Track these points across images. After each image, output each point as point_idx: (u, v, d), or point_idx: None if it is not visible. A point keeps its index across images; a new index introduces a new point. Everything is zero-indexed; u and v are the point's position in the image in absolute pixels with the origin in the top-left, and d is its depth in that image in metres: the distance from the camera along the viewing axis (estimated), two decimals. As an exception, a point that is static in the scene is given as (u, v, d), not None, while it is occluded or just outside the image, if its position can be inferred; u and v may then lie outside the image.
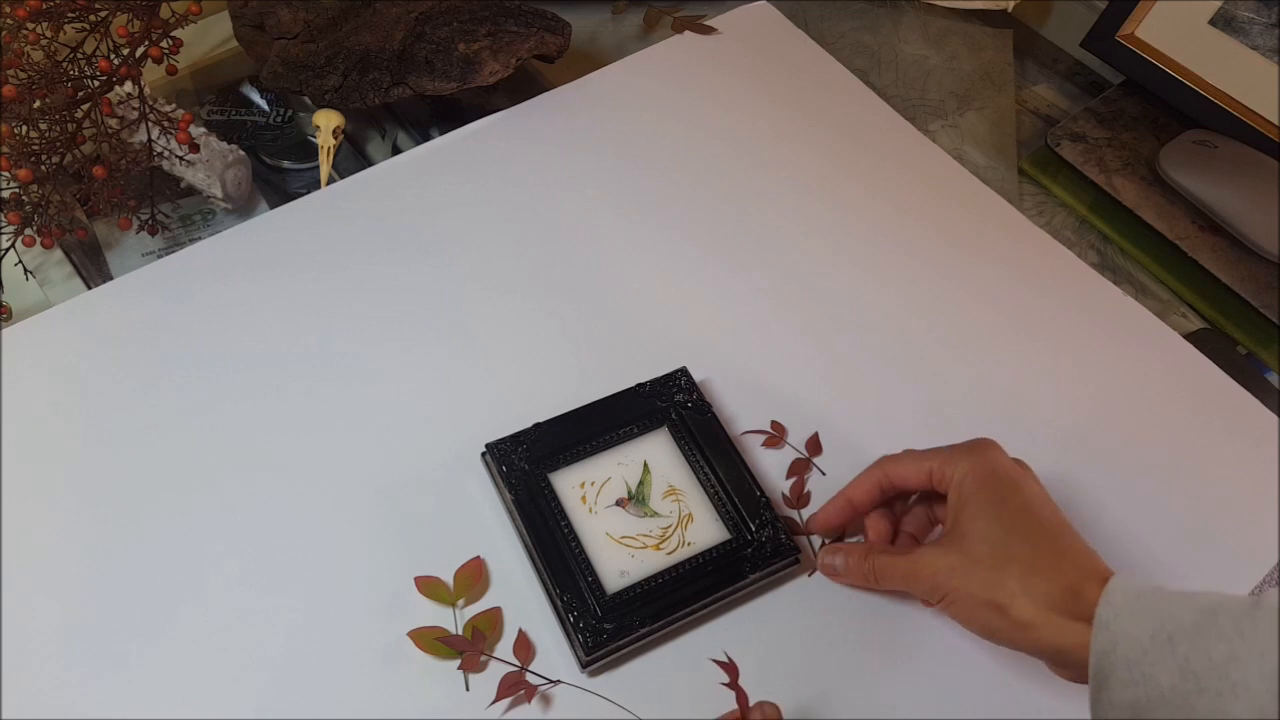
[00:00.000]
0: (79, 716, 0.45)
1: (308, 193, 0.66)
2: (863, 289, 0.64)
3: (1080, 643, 0.40)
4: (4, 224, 0.58)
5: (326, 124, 0.67)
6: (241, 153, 0.66)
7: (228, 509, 0.52)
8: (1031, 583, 0.42)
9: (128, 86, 0.61)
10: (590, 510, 0.51)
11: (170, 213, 0.66)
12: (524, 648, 0.48)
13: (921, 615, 0.51)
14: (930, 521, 0.52)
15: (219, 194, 0.65)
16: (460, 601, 0.49)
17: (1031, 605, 0.41)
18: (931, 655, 0.50)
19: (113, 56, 0.60)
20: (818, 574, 0.52)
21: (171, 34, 0.62)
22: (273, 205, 0.67)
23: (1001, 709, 0.49)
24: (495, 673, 0.47)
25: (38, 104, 0.58)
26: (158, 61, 0.61)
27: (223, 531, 0.51)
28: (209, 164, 0.64)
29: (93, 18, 0.60)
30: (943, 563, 0.45)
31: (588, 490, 0.52)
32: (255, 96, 0.74)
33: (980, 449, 0.47)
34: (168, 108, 0.65)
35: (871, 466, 0.50)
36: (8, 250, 0.59)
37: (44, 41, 0.59)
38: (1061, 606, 0.41)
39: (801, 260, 0.65)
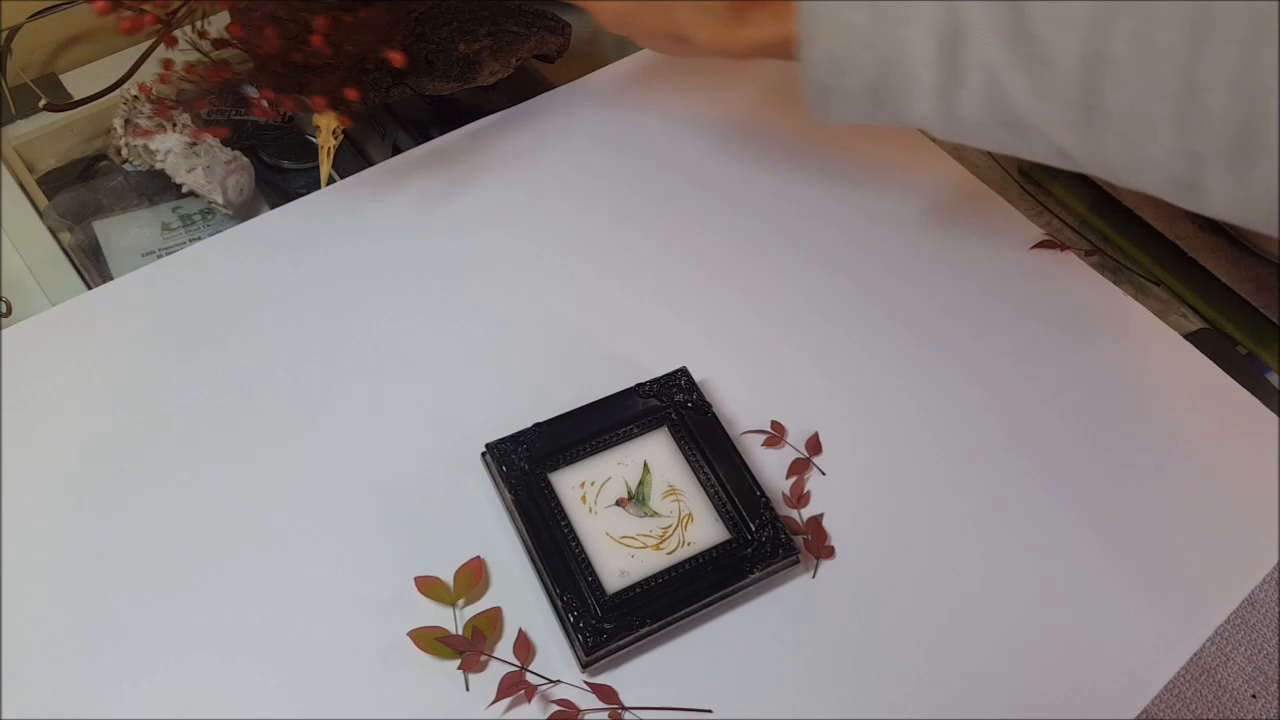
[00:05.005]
0: (79, 716, 0.45)
1: (308, 193, 0.66)
2: (862, 288, 0.64)
3: (773, 32, 0.45)
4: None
5: (326, 124, 0.67)
6: (244, 159, 0.66)
7: (227, 508, 0.52)
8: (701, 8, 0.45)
9: None
10: (590, 510, 0.51)
11: (170, 212, 0.66)
12: (524, 648, 0.48)
13: (922, 616, 0.51)
14: None
15: (220, 200, 0.65)
16: (460, 601, 0.49)
17: (708, 30, 0.46)
18: (933, 655, 0.50)
19: None
20: (819, 574, 0.52)
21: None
22: (273, 206, 0.67)
23: (1001, 708, 0.49)
24: (495, 673, 0.48)
25: None
26: None
27: (221, 531, 0.51)
28: (210, 170, 0.64)
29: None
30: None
31: (588, 490, 0.52)
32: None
33: None
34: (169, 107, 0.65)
35: None
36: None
37: None
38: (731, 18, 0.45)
39: (801, 259, 0.65)
